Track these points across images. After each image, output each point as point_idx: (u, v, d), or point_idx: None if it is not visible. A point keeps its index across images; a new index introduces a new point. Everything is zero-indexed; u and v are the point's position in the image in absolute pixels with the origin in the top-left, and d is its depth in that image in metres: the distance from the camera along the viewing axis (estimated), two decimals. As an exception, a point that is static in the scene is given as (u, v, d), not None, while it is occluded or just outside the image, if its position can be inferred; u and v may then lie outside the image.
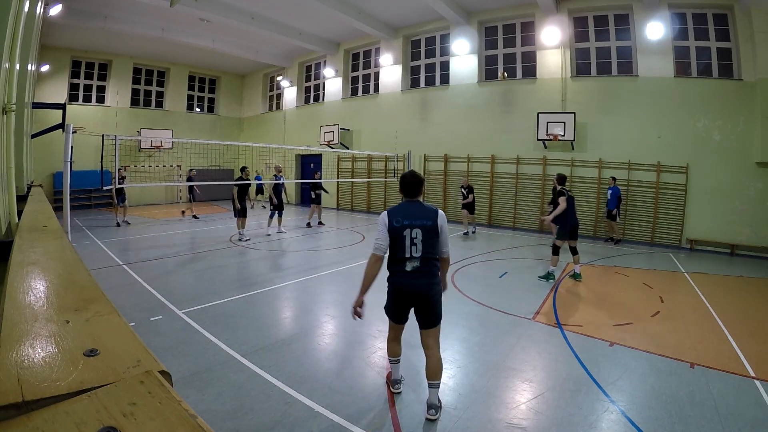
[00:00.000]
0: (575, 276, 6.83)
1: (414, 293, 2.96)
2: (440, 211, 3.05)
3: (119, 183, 11.14)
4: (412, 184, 3.07)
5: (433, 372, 2.97)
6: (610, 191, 10.46)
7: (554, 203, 6.93)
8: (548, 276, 6.63)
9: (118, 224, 11.87)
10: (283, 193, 10.78)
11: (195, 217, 13.56)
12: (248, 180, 9.73)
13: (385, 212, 3.02)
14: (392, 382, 3.29)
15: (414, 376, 3.52)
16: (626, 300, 5.92)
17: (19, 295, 0.80)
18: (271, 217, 10.66)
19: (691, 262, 8.68)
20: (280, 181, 10.49)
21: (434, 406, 2.94)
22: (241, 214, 9.63)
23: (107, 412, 0.44)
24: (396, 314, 3.11)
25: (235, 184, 9.64)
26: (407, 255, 2.92)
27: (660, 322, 4.99)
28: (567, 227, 6.66)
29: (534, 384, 3.48)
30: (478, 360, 3.93)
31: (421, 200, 3.14)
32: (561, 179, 6.91)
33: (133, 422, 0.42)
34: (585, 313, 5.30)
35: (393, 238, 2.94)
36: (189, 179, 13.57)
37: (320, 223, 12.41)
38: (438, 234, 2.98)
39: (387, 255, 3.01)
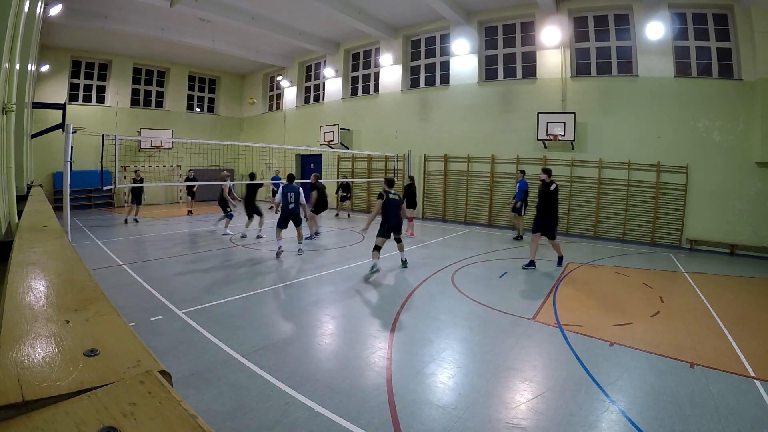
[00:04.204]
0: (403, 263, 7.51)
1: (292, 215, 8.10)
2: (299, 188, 8.18)
3: (135, 184, 12.17)
4: (291, 179, 8.38)
5: (299, 236, 8.45)
6: (518, 184, 10.69)
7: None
8: (372, 269, 6.91)
9: (126, 221, 12.33)
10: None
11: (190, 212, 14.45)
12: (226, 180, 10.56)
13: (281, 187, 8.12)
14: (278, 252, 8.11)
15: (413, 376, 3.53)
16: (626, 300, 5.92)
17: (19, 295, 0.80)
18: (225, 218, 10.71)
19: (691, 262, 8.68)
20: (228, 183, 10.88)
21: (299, 250, 8.39)
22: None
23: (107, 412, 0.44)
24: (284, 223, 8.15)
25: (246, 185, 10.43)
26: (290, 201, 8.04)
27: (660, 322, 4.99)
28: (384, 228, 7.17)
29: (534, 384, 3.48)
30: (478, 360, 3.93)
31: (294, 183, 8.28)
32: (389, 182, 7.49)
33: (133, 422, 0.42)
34: (585, 313, 5.30)
35: (284, 196, 8.00)
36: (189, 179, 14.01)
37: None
38: (299, 195, 8.11)
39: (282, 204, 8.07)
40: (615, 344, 4.28)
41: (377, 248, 7.04)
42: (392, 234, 7.32)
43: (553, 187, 7.47)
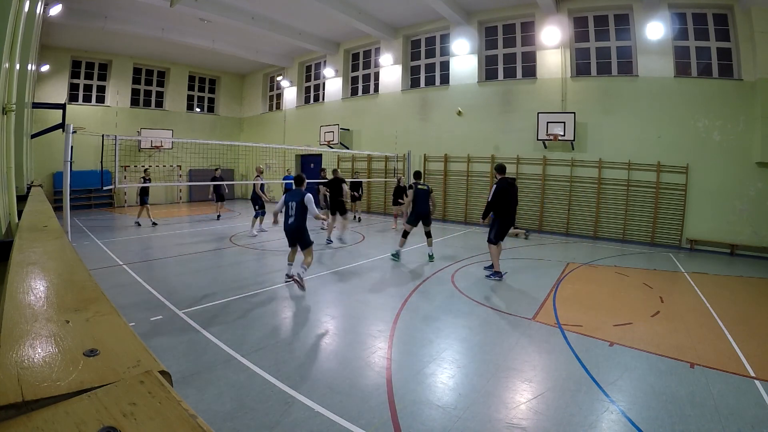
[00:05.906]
0: (430, 257, 7.92)
1: (291, 231, 5.85)
2: (308, 194, 5.79)
3: (145, 183, 11.75)
4: (294, 181, 6.03)
5: (304, 262, 5.81)
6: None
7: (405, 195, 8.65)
8: (395, 255, 7.79)
9: (137, 224, 11.88)
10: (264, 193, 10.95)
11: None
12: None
13: (283, 195, 6.05)
14: (286, 276, 6.09)
15: (413, 376, 3.53)
16: (626, 300, 5.92)
17: (19, 295, 0.80)
18: (256, 217, 10.73)
19: (691, 262, 8.68)
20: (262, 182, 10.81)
21: (298, 275, 5.64)
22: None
23: (107, 412, 0.44)
24: (289, 242, 6.05)
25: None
26: (290, 214, 5.81)
27: (660, 322, 4.99)
28: (413, 215, 7.83)
29: (534, 384, 3.48)
30: (478, 360, 3.93)
31: (301, 188, 5.92)
32: (416, 174, 8.35)
33: (133, 422, 0.42)
34: (585, 313, 5.30)
35: (285, 206, 5.92)
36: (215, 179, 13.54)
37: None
38: (304, 206, 5.75)
39: (282, 212, 6.04)
40: (615, 344, 4.28)
41: (405, 234, 7.84)
42: (423, 225, 7.94)
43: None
